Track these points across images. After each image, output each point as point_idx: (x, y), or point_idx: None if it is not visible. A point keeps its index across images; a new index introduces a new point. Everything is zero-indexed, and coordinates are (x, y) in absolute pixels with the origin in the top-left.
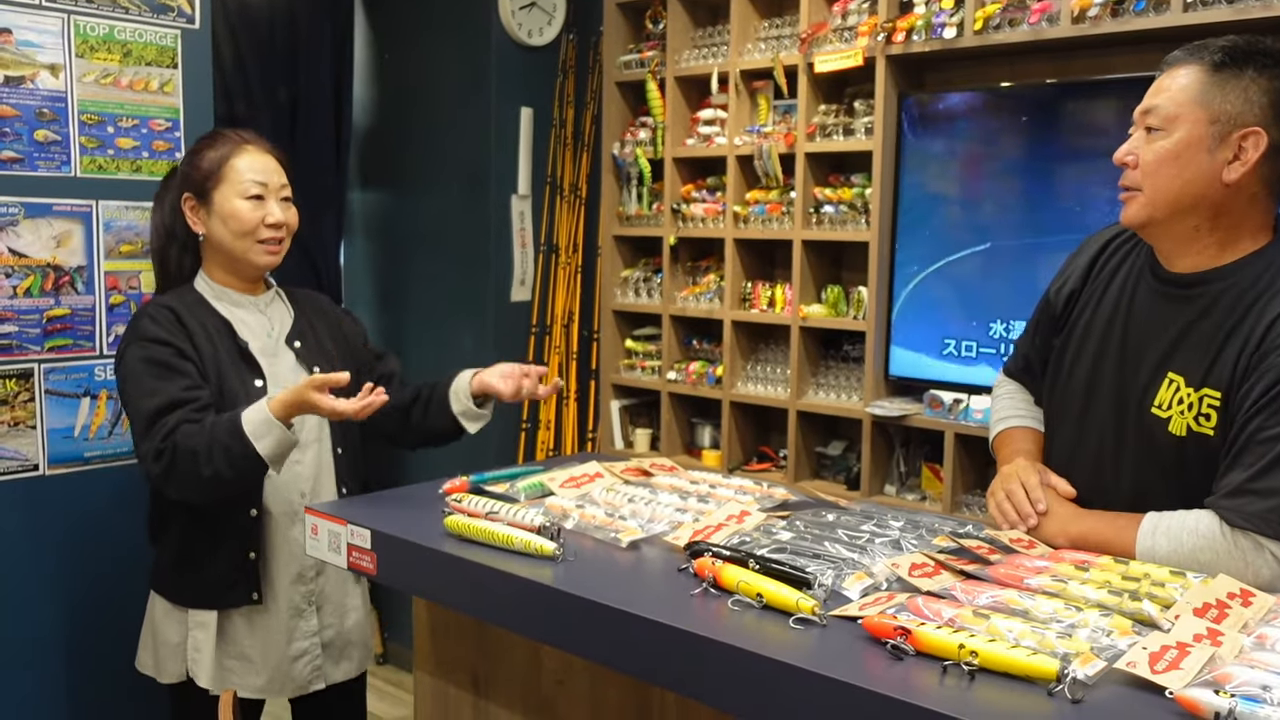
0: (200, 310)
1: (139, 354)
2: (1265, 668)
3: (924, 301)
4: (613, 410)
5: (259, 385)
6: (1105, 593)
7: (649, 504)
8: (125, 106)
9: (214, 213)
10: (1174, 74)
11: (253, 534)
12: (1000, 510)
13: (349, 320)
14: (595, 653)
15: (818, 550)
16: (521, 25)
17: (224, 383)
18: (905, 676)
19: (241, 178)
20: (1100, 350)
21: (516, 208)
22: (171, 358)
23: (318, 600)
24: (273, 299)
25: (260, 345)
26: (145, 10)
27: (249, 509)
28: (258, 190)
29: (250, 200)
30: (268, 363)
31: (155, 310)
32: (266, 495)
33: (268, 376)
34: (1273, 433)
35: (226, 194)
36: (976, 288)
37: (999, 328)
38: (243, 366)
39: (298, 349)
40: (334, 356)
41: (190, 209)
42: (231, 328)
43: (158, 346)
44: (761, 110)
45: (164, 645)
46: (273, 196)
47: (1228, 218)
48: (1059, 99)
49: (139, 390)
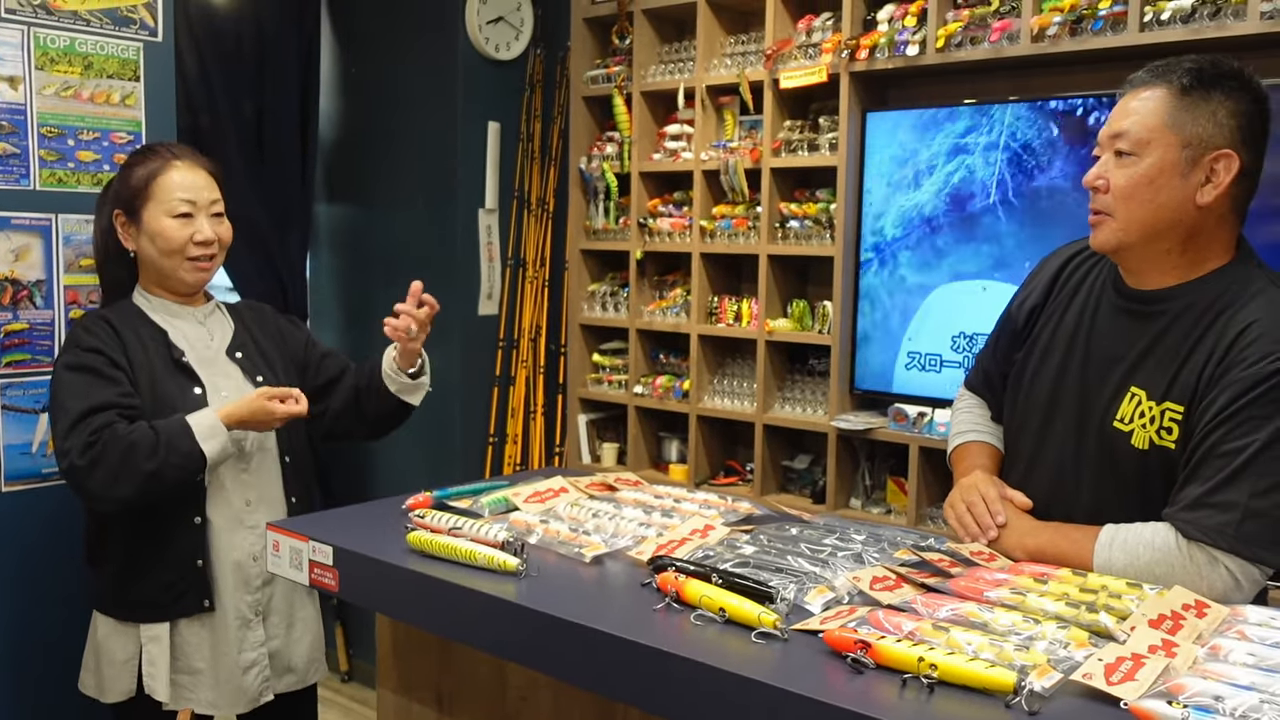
0: (136, 321)
1: (71, 361)
2: (1218, 678)
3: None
4: (580, 424)
5: (198, 393)
6: (1063, 605)
7: (613, 519)
8: (86, 119)
9: (143, 230)
10: (1139, 96)
11: (199, 541)
12: (960, 523)
13: (290, 326)
14: (558, 669)
15: (780, 564)
16: (489, 40)
17: (159, 391)
18: (865, 690)
19: (169, 195)
20: (1063, 364)
21: (484, 221)
22: (103, 366)
23: (264, 610)
24: (212, 311)
25: (199, 356)
26: (107, 23)
27: (193, 516)
28: (185, 208)
29: (178, 218)
30: (207, 372)
31: (90, 322)
32: (211, 503)
33: (207, 386)
34: (1231, 447)
35: (154, 212)
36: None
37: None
38: (179, 375)
39: (239, 359)
40: (277, 365)
41: (121, 226)
42: (168, 338)
43: (90, 355)
44: (728, 125)
45: (110, 664)
46: (202, 213)
47: (1198, 239)
48: (1020, 115)
49: (68, 393)
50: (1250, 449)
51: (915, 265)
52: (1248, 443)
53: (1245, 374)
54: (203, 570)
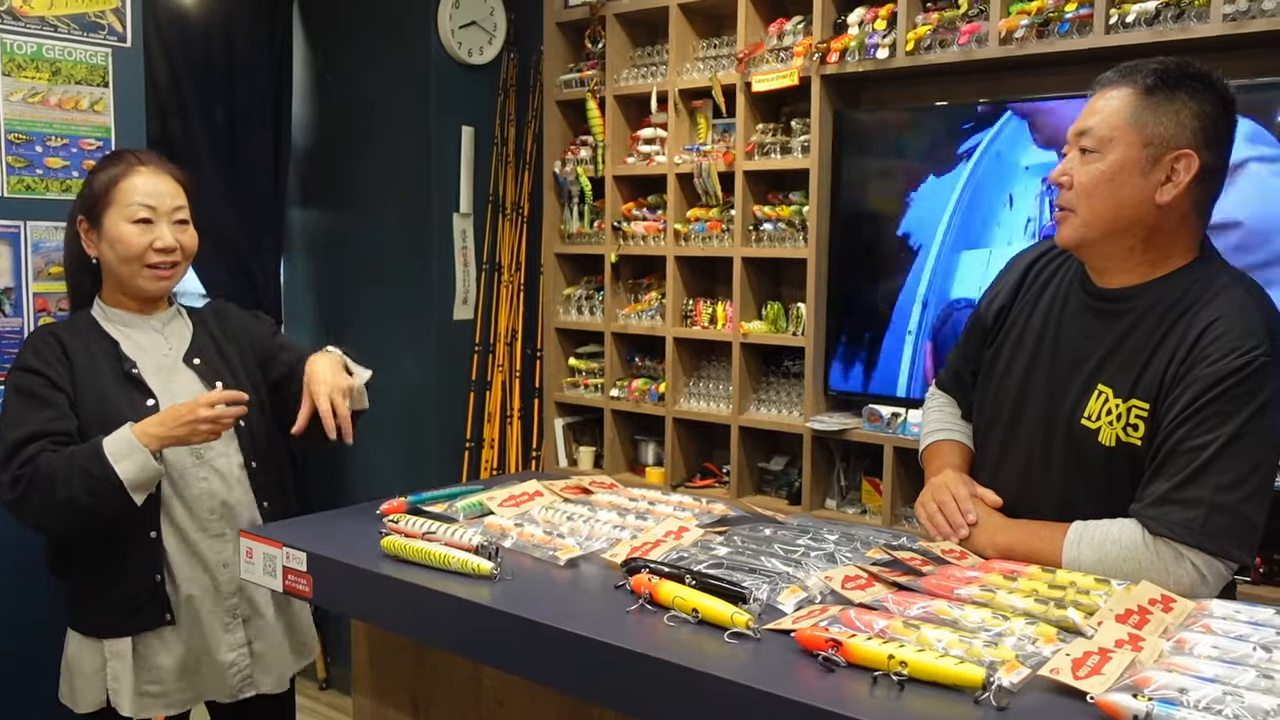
0: (89, 334)
1: (13, 382)
2: (1183, 671)
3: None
4: (556, 428)
5: (150, 405)
6: (1032, 601)
7: (588, 521)
8: (54, 126)
9: (104, 236)
10: (1106, 95)
11: (156, 555)
12: (931, 521)
13: (253, 320)
14: (533, 671)
15: (754, 565)
16: (462, 44)
17: (107, 407)
18: (837, 688)
19: (129, 200)
20: (1030, 363)
21: (459, 226)
22: (41, 388)
23: (243, 614)
24: (172, 317)
25: (155, 364)
26: (75, 29)
27: (149, 530)
28: (145, 214)
29: (138, 224)
30: (161, 382)
31: (39, 338)
32: (176, 514)
33: (161, 396)
34: (1196, 443)
35: (114, 218)
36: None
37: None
38: (130, 389)
39: (197, 365)
40: (238, 367)
41: (84, 232)
42: (119, 349)
43: (30, 376)
44: (701, 129)
45: (79, 675)
46: (164, 219)
47: (1160, 237)
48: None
49: (6, 420)
50: (1214, 445)
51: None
52: (1212, 439)
53: (1208, 371)
54: (161, 584)
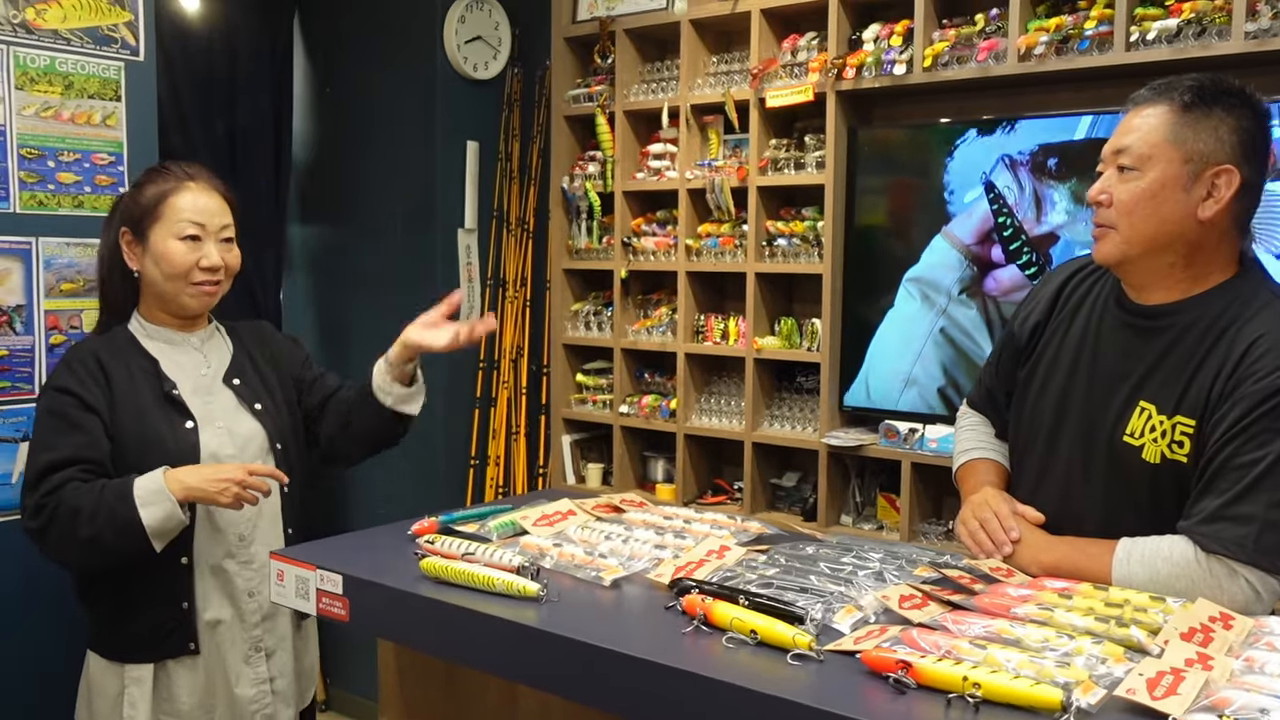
0: (128, 352)
1: (45, 404)
2: (1259, 691)
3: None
4: (564, 445)
5: (189, 427)
6: (1092, 620)
7: (626, 541)
8: (67, 140)
9: (149, 251)
10: (1142, 113)
11: (185, 583)
12: (974, 539)
13: (289, 344)
14: (586, 695)
15: (804, 584)
16: (467, 59)
17: (146, 428)
18: (909, 710)
19: (178, 217)
20: (1068, 381)
21: (463, 241)
22: (73, 409)
23: (266, 647)
24: (211, 334)
25: (194, 385)
26: (88, 42)
27: (180, 556)
28: (194, 231)
29: (185, 241)
30: (200, 403)
31: (76, 356)
32: (201, 541)
33: (200, 417)
34: (1247, 459)
35: (161, 233)
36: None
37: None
38: (169, 409)
39: (236, 386)
40: (275, 390)
41: (127, 244)
42: (159, 368)
43: (63, 397)
44: (712, 144)
45: (99, 698)
46: (211, 238)
47: (1201, 253)
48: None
49: (36, 443)
50: (1265, 461)
51: None
52: (1262, 455)
53: (1257, 387)
54: (188, 613)
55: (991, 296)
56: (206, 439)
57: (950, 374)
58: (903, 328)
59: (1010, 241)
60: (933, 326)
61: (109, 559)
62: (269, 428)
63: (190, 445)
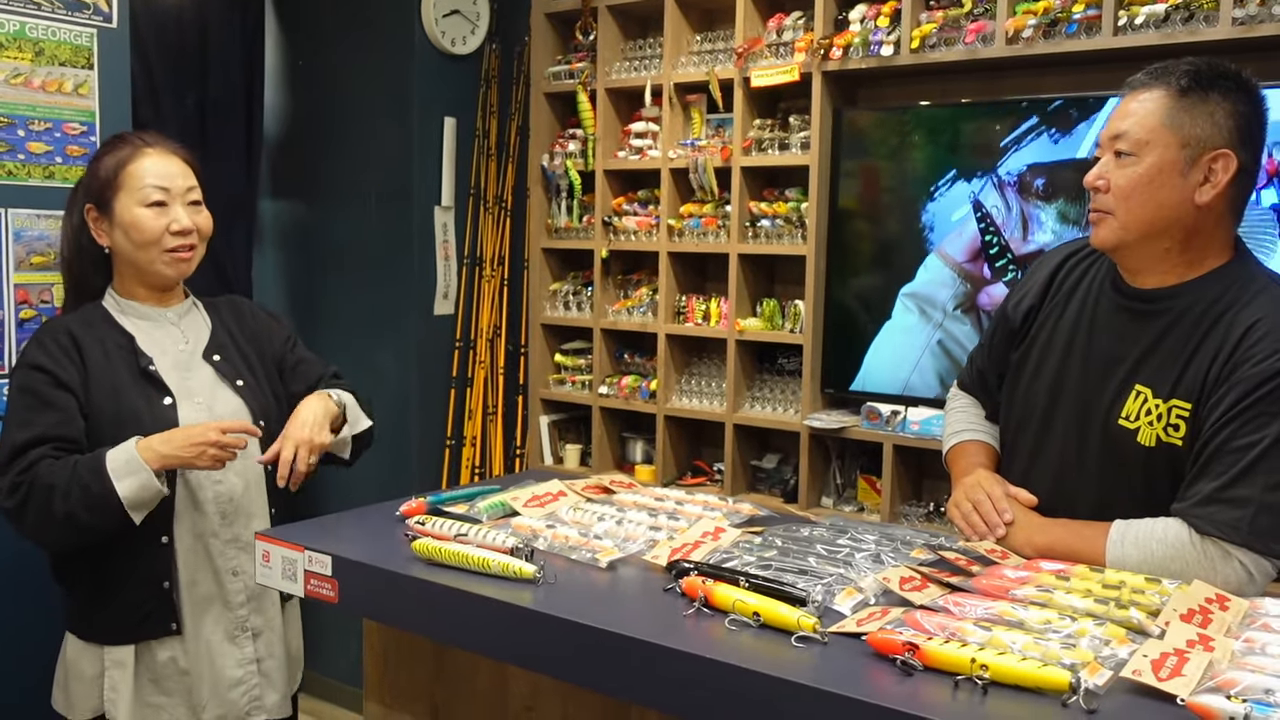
0: (103, 327)
1: (18, 381)
2: (1262, 671)
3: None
4: (542, 426)
5: (167, 403)
6: (1092, 601)
7: (620, 522)
8: (37, 109)
9: (116, 223)
10: (1138, 98)
11: (165, 562)
12: (968, 521)
13: (271, 322)
14: (585, 678)
15: (802, 566)
16: (445, 33)
17: (123, 405)
18: (916, 692)
19: (140, 183)
20: (1062, 363)
21: (439, 219)
22: (46, 387)
23: (253, 627)
24: (189, 310)
25: (172, 361)
26: (60, 8)
27: (160, 535)
28: (159, 196)
29: (152, 207)
30: (178, 378)
31: (49, 332)
32: (189, 518)
33: (178, 393)
34: (1243, 442)
35: (126, 203)
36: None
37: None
38: (146, 385)
39: (216, 362)
40: (256, 367)
41: (93, 220)
42: (135, 344)
43: (36, 374)
44: (695, 124)
45: (77, 680)
46: (178, 201)
47: (1197, 238)
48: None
49: (9, 421)
50: (1261, 444)
51: None
52: (1259, 438)
53: (1253, 371)
54: (169, 592)
55: (986, 312)
56: (185, 415)
57: (948, 385)
58: (900, 340)
59: (996, 259)
60: (930, 339)
61: (88, 535)
62: (252, 404)
63: (168, 422)
